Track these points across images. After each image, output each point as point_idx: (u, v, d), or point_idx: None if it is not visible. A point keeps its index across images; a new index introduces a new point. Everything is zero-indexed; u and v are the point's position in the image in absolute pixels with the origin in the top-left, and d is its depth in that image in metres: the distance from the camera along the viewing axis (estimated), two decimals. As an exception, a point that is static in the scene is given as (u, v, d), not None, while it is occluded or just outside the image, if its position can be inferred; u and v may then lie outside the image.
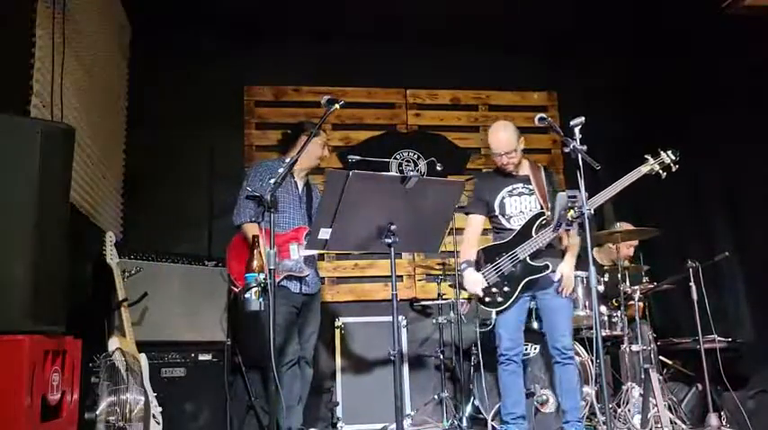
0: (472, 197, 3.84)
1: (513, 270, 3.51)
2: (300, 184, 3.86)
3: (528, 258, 3.49)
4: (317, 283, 3.83)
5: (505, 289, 3.51)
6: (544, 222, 3.47)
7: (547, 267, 3.48)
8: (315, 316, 3.82)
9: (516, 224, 3.59)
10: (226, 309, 4.07)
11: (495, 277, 3.54)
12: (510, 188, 3.66)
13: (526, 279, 3.49)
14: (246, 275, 2.83)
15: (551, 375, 3.71)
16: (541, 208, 3.54)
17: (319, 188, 3.95)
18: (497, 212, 3.65)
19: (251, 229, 3.50)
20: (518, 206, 3.63)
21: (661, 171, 3.40)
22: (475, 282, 3.55)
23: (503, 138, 3.56)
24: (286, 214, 3.68)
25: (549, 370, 3.79)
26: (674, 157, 3.39)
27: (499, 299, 3.52)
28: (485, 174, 3.90)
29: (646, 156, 3.42)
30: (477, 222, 3.74)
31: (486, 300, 3.54)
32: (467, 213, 3.79)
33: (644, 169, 3.38)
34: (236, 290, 3.61)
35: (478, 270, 3.58)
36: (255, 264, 2.82)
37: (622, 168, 3.63)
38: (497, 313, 3.57)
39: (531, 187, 3.62)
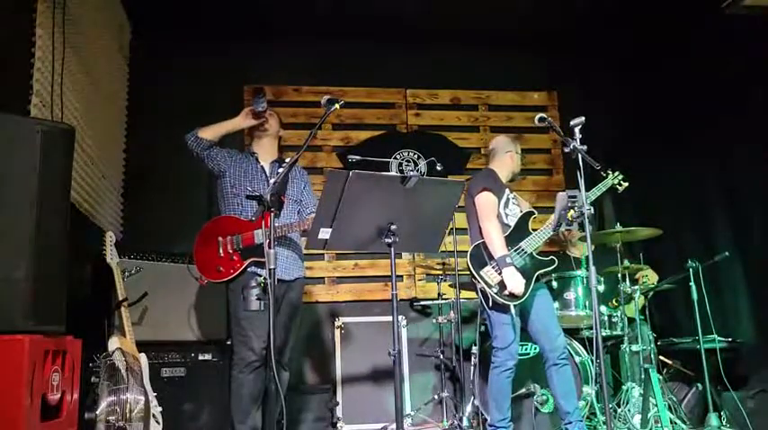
0: (485, 179, 3.67)
1: (525, 263, 3.49)
2: (267, 166, 3.52)
3: (534, 252, 3.50)
4: (292, 271, 3.40)
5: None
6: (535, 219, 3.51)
7: (553, 262, 3.49)
8: (288, 308, 3.36)
9: (511, 221, 3.61)
10: (226, 308, 4.07)
11: None
12: (508, 191, 3.71)
13: (537, 272, 3.49)
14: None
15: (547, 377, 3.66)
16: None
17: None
18: (502, 206, 3.62)
19: (208, 129, 3.44)
20: (513, 208, 3.68)
21: (618, 187, 3.59)
22: (521, 282, 3.40)
23: None
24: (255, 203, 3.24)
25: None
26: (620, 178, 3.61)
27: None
28: (489, 169, 3.80)
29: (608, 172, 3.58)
30: (496, 204, 3.58)
31: (506, 293, 3.43)
32: (483, 190, 3.58)
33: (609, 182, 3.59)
34: (202, 281, 3.34)
35: (485, 265, 3.48)
36: None
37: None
38: (514, 306, 3.44)
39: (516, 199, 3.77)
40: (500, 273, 3.42)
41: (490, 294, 3.43)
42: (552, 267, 3.52)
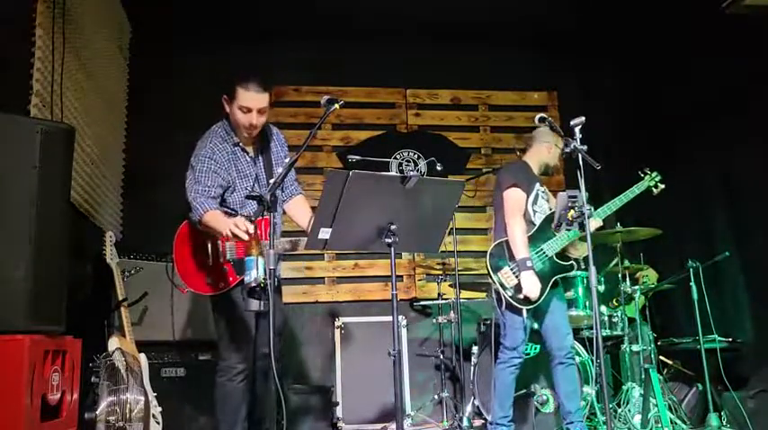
0: (516, 173, 3.61)
1: (542, 267, 3.46)
2: (251, 151, 3.18)
3: (555, 256, 3.48)
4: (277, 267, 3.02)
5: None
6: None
7: (572, 266, 3.48)
8: (278, 301, 3.10)
9: (538, 219, 3.58)
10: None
11: None
12: (539, 184, 3.67)
13: (555, 277, 3.47)
14: (246, 259, 2.54)
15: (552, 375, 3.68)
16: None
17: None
18: (530, 201, 3.57)
19: (217, 215, 2.93)
20: (542, 204, 3.64)
21: (654, 189, 3.71)
22: (537, 287, 3.36)
23: None
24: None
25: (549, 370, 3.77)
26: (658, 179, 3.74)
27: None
28: (522, 162, 3.74)
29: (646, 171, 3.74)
30: (524, 201, 3.52)
31: (520, 296, 3.40)
32: (512, 185, 3.51)
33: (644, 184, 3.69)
34: (183, 290, 3.23)
35: (504, 266, 3.46)
36: (254, 251, 2.53)
37: (622, 168, 3.64)
38: (527, 310, 3.42)
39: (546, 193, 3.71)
40: (518, 276, 3.40)
41: (504, 296, 3.42)
42: (572, 272, 3.50)
